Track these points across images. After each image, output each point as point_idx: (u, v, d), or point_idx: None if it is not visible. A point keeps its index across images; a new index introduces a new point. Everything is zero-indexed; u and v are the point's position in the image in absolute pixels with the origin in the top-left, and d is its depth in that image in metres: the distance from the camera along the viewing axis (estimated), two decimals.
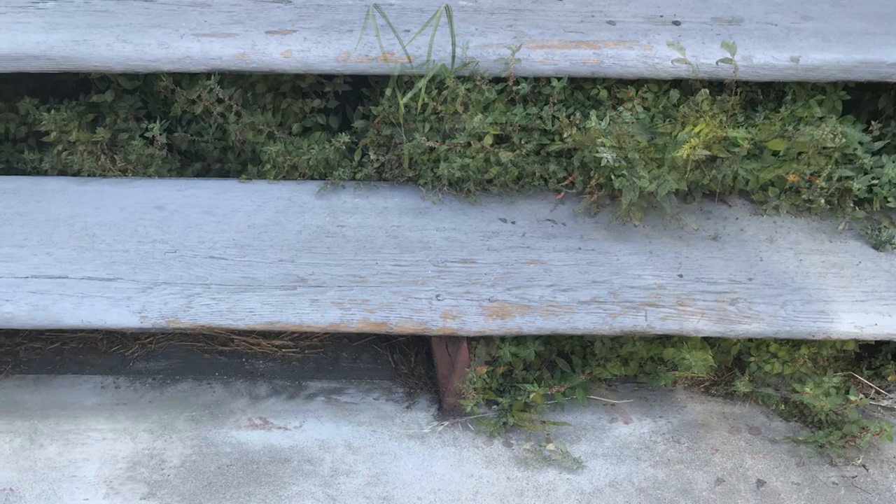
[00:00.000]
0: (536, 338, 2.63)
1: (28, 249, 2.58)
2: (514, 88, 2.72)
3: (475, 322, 2.44)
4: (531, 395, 2.57)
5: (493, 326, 2.45)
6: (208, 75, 2.78)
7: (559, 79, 2.69)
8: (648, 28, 2.79)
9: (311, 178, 2.88)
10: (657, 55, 2.68)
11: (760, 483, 2.46)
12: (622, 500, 2.41)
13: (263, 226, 2.68)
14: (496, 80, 2.73)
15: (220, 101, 2.83)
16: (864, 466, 2.53)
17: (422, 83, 2.63)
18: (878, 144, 2.75)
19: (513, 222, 2.72)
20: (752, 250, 2.63)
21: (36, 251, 2.57)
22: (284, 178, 2.88)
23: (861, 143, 2.69)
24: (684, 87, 2.77)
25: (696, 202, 2.78)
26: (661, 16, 2.86)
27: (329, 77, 2.91)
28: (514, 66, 2.67)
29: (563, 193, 2.79)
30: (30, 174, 2.97)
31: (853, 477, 2.49)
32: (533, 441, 2.57)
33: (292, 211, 2.75)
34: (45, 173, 2.91)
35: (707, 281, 2.53)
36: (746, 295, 2.50)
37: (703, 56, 2.67)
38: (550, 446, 2.51)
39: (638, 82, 2.74)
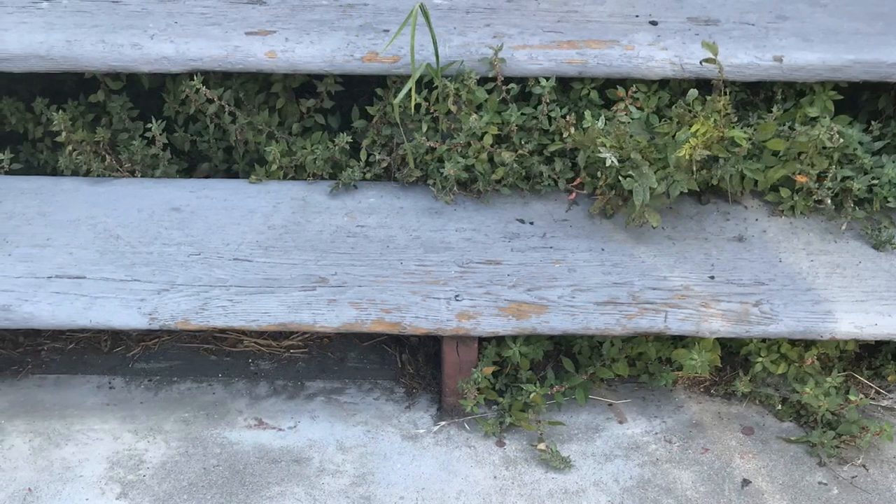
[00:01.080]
0: (549, 338, 2.64)
1: (51, 249, 2.60)
2: (505, 88, 2.73)
3: (490, 323, 2.46)
4: (531, 395, 2.57)
5: (507, 327, 2.46)
6: (191, 76, 2.80)
7: (547, 78, 2.70)
8: (627, 28, 2.79)
9: (321, 177, 2.90)
10: (640, 55, 2.68)
11: (745, 483, 2.44)
12: (605, 499, 2.41)
13: (283, 227, 2.70)
14: (483, 79, 2.73)
15: (210, 101, 2.85)
16: (864, 466, 2.51)
17: (410, 83, 2.63)
18: (878, 144, 2.74)
19: (531, 223, 2.73)
20: (773, 251, 2.63)
21: (59, 251, 2.60)
22: (293, 178, 2.91)
23: (861, 143, 2.68)
24: (672, 86, 2.78)
25: (712, 203, 2.78)
26: (637, 15, 2.86)
27: (320, 77, 2.92)
28: (500, 65, 2.68)
29: (574, 194, 2.79)
30: (47, 174, 3.03)
31: (853, 477, 2.48)
32: (525, 441, 2.57)
33: (309, 211, 2.77)
34: (61, 173, 2.95)
35: (737, 283, 2.53)
36: (768, 296, 2.50)
37: (686, 56, 2.67)
38: (541, 446, 2.51)
39: (626, 82, 2.74)
